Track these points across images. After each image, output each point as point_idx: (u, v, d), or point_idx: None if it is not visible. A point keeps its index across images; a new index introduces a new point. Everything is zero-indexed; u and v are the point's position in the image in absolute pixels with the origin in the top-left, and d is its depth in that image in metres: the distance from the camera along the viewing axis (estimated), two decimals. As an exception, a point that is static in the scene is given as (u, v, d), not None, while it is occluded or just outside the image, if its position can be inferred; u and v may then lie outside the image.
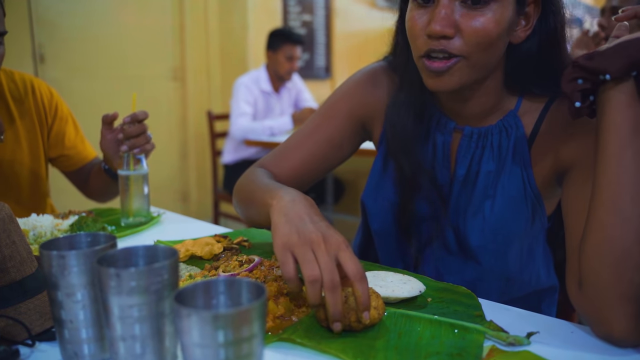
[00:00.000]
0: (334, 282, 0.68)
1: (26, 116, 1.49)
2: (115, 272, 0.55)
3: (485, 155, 0.97)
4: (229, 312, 0.49)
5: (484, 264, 0.99)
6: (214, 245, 1.04)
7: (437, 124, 1.01)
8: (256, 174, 1.07)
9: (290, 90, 3.62)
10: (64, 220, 1.25)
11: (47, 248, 0.63)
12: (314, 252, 0.71)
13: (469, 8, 0.82)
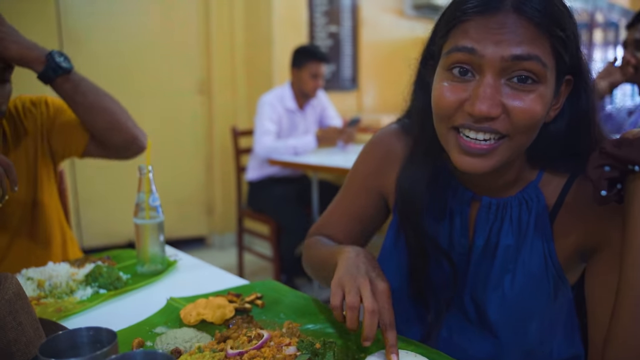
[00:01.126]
0: (373, 309, 0.81)
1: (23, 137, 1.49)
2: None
3: (504, 228, 0.93)
4: None
5: (502, 338, 0.95)
6: (225, 308, 1.03)
7: (454, 194, 0.98)
8: (319, 241, 1.16)
9: (315, 108, 3.60)
10: (80, 269, 1.25)
11: (45, 351, 0.63)
12: (360, 290, 0.83)
13: (515, 88, 0.77)
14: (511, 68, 0.76)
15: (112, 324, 1.00)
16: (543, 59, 0.76)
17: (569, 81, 0.84)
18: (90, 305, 1.12)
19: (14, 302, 0.79)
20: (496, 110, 0.76)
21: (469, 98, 0.78)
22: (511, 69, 0.76)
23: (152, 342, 0.94)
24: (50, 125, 1.52)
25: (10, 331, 0.76)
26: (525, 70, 0.76)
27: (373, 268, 0.88)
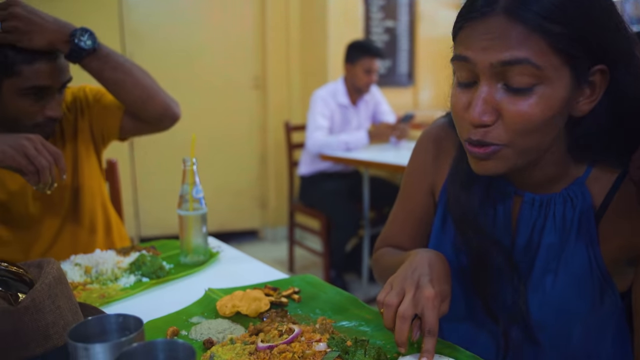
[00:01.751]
0: (405, 314, 0.79)
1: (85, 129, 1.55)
2: (127, 380, 0.54)
3: (548, 226, 0.89)
4: None
5: (543, 342, 0.90)
6: (261, 301, 1.02)
7: (496, 189, 0.95)
8: (387, 252, 1.14)
9: (368, 103, 3.56)
10: (125, 258, 1.29)
11: (74, 336, 0.64)
12: (404, 292, 0.82)
13: (511, 92, 0.75)
14: (504, 73, 0.74)
15: (151, 311, 1.03)
16: (535, 60, 0.72)
17: (603, 71, 0.77)
18: (132, 292, 1.15)
19: (54, 287, 0.81)
20: (489, 117, 0.76)
21: (469, 106, 0.78)
22: (504, 74, 0.74)
23: (187, 331, 0.95)
24: (89, 112, 1.56)
25: (48, 314, 0.79)
26: (518, 74, 0.73)
27: (431, 273, 0.85)
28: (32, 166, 1.18)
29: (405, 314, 0.80)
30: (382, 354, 0.83)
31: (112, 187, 1.84)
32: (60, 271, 0.86)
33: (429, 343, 0.80)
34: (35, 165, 1.18)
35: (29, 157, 1.17)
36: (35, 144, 1.19)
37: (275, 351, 0.83)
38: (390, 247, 1.17)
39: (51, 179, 1.21)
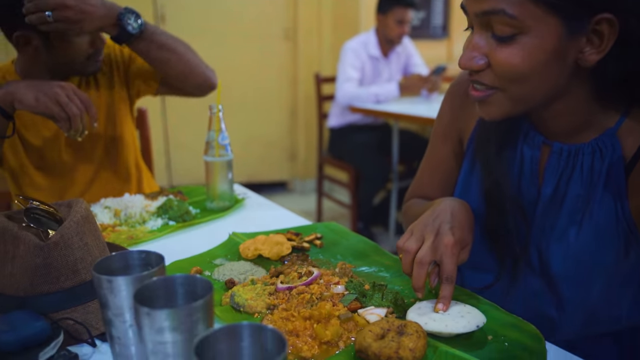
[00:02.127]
0: (422, 260, 0.81)
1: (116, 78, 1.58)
2: (147, 311, 0.56)
3: (575, 176, 0.87)
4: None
5: (565, 292, 0.90)
6: (283, 245, 1.04)
7: (525, 137, 0.93)
8: (415, 203, 1.15)
9: (399, 55, 3.49)
10: (153, 202, 1.32)
11: (99, 269, 0.67)
12: (424, 239, 0.84)
13: (497, 40, 0.77)
14: (488, 22, 0.77)
15: (177, 253, 1.06)
16: (511, 11, 0.73)
17: (610, 20, 0.73)
18: (159, 234, 1.18)
19: (82, 225, 0.84)
20: (475, 63, 0.79)
21: None
22: (489, 23, 0.77)
23: (211, 272, 0.98)
24: (125, 69, 1.59)
25: (77, 250, 0.82)
26: (499, 23, 0.76)
27: (452, 220, 0.86)
28: (64, 113, 1.21)
29: (423, 259, 0.81)
30: (399, 298, 0.84)
31: (142, 136, 1.87)
32: (88, 211, 0.89)
33: (446, 290, 0.81)
34: (66, 113, 1.21)
35: (61, 105, 1.20)
36: (67, 92, 1.22)
37: (294, 292, 0.85)
38: (419, 198, 1.17)
39: (82, 126, 1.24)
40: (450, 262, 0.81)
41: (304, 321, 0.77)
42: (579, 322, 0.92)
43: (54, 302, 0.80)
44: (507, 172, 0.94)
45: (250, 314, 0.83)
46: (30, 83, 1.21)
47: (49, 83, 1.22)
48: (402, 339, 0.70)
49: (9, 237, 0.81)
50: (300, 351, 0.72)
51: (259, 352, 0.56)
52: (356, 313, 0.81)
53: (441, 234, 0.84)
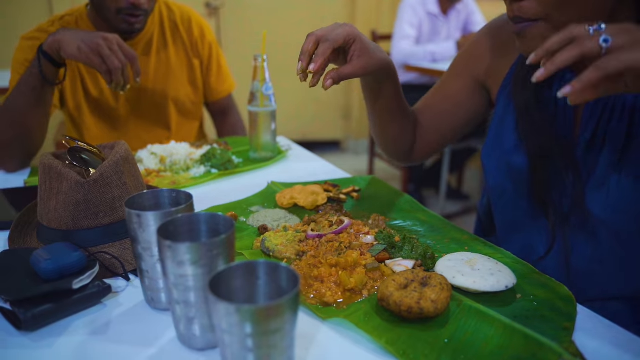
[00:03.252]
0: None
1: (180, 46, 1.61)
2: (169, 244, 0.58)
3: (615, 116, 0.82)
4: (253, 307, 0.49)
5: (604, 244, 0.86)
6: (319, 195, 1.05)
7: (560, 79, 0.88)
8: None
9: (459, 13, 3.35)
10: (198, 150, 1.35)
11: (131, 205, 0.69)
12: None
13: None
14: None
15: (216, 199, 1.08)
16: None
17: None
18: (200, 181, 1.21)
19: (121, 164, 0.87)
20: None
21: None
22: None
23: (246, 218, 0.99)
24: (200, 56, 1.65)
25: (115, 189, 0.85)
26: None
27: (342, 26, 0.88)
28: (105, 65, 1.21)
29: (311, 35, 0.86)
30: (429, 252, 0.83)
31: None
32: (128, 152, 0.92)
33: (320, 48, 0.84)
34: (107, 65, 1.21)
35: (102, 56, 1.20)
36: (110, 44, 1.22)
37: (324, 240, 0.86)
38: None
39: (124, 80, 1.24)
40: (338, 32, 0.85)
41: (329, 268, 0.77)
42: (617, 279, 0.88)
43: (92, 236, 0.84)
44: (542, 117, 0.90)
45: (280, 259, 0.84)
46: (76, 32, 1.22)
47: (94, 33, 1.22)
48: (425, 290, 0.69)
49: (54, 174, 0.84)
50: (324, 296, 0.73)
51: (274, 289, 0.56)
52: (383, 263, 0.81)
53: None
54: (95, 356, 0.63)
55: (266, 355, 0.52)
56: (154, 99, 1.58)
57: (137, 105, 1.56)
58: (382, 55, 0.92)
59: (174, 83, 1.60)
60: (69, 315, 0.70)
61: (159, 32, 1.57)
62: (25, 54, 1.39)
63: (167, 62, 1.59)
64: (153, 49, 1.56)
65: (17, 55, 1.41)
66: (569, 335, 0.66)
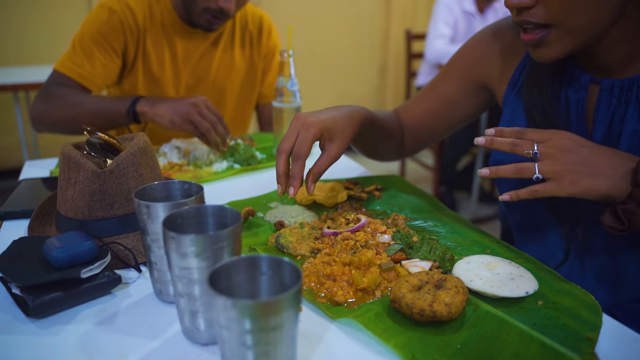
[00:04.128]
0: (280, 148, 0.86)
1: (247, 46, 1.63)
2: (173, 235, 0.57)
3: (630, 112, 0.80)
4: (251, 303, 0.48)
5: (629, 245, 0.83)
6: (339, 192, 1.03)
7: (569, 79, 0.86)
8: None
9: (497, 11, 3.27)
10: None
11: (141, 196, 0.68)
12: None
13: None
14: None
15: (236, 193, 1.08)
16: None
17: None
18: (222, 176, 1.20)
19: (138, 156, 0.87)
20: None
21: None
22: None
23: (264, 214, 0.98)
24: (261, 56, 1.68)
25: (131, 180, 0.85)
26: None
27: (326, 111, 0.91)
28: (198, 131, 1.25)
29: (282, 147, 0.86)
30: (447, 254, 0.80)
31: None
32: (147, 144, 0.92)
33: (295, 167, 0.85)
34: (200, 130, 1.24)
35: (194, 123, 1.24)
36: (199, 109, 1.25)
37: (339, 238, 0.83)
38: (397, 117, 1.15)
39: (219, 139, 1.28)
40: (303, 139, 0.83)
41: (343, 267, 0.75)
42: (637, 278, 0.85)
43: (107, 227, 0.83)
44: (553, 121, 0.87)
45: (294, 256, 0.82)
46: (168, 104, 1.27)
47: (183, 102, 1.26)
48: (439, 292, 0.66)
49: (73, 164, 0.85)
50: (335, 295, 0.70)
51: (277, 285, 0.55)
52: (399, 264, 0.78)
53: (305, 118, 0.86)
54: (99, 346, 0.62)
55: (265, 352, 0.50)
56: (213, 94, 1.59)
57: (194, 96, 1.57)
58: (350, 122, 0.91)
59: (235, 81, 1.62)
60: (77, 304, 0.70)
61: (229, 30, 1.59)
62: (98, 23, 1.40)
63: (232, 59, 1.60)
64: (221, 45, 1.57)
65: (89, 22, 1.42)
66: (591, 347, 0.62)
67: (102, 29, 1.40)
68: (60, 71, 1.38)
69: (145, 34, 1.45)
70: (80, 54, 1.39)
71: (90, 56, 1.39)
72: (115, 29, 1.41)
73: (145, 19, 1.45)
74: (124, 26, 1.42)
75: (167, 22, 1.48)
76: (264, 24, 1.65)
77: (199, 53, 1.53)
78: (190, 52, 1.52)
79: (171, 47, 1.50)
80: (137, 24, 1.43)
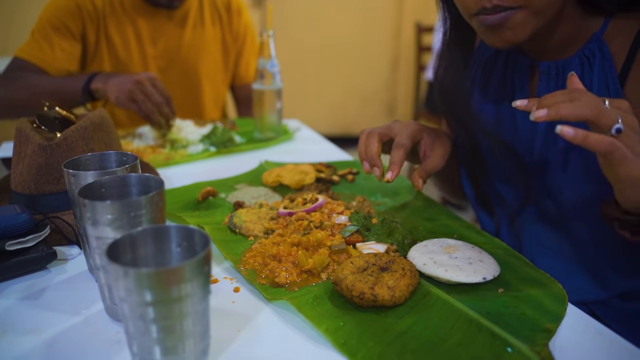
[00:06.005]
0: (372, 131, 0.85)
1: (217, 26, 1.59)
2: (85, 202, 0.53)
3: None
4: (148, 271, 0.43)
5: (581, 234, 0.79)
6: (307, 174, 0.98)
7: (513, 63, 0.85)
8: None
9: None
10: (202, 129, 1.30)
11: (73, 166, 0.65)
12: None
13: None
14: None
15: (205, 176, 1.04)
16: None
17: None
18: (196, 158, 1.16)
19: (90, 130, 0.83)
20: None
21: None
22: None
23: (227, 194, 0.94)
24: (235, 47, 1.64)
25: (80, 154, 0.81)
26: None
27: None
28: (141, 111, 1.22)
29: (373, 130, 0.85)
30: (407, 237, 0.75)
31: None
32: (103, 119, 0.88)
33: (395, 155, 0.81)
34: (142, 109, 1.21)
35: (137, 102, 1.21)
36: (143, 87, 1.21)
37: (294, 218, 0.79)
38: None
39: (163, 120, 1.24)
40: (405, 133, 0.82)
41: (290, 247, 0.70)
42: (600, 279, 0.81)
43: (53, 202, 0.80)
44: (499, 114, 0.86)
45: (246, 237, 0.78)
46: (117, 79, 1.24)
47: (127, 78, 1.22)
48: (383, 274, 0.61)
49: (23, 137, 0.82)
50: (276, 277, 0.66)
51: (190, 257, 0.50)
52: (353, 246, 0.73)
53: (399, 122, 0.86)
54: (16, 320, 0.58)
55: (169, 327, 0.46)
56: (186, 74, 1.56)
57: (166, 78, 1.53)
58: (448, 139, 0.88)
59: (207, 59, 1.58)
60: (6, 279, 0.66)
61: (197, 7, 1.55)
62: (54, 8, 1.40)
63: (202, 37, 1.56)
64: (189, 22, 1.54)
65: (47, 8, 1.42)
66: (548, 338, 0.56)
67: (60, 13, 1.39)
68: (20, 56, 1.37)
69: (106, 19, 1.43)
70: (39, 39, 1.37)
71: (49, 40, 1.37)
72: (72, 13, 1.39)
73: (105, 2, 1.43)
74: (82, 10, 1.40)
75: (128, 3, 1.45)
76: (232, 3, 1.61)
77: (166, 33, 1.50)
78: (156, 33, 1.49)
79: (135, 28, 1.47)
80: (95, 8, 1.42)
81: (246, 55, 1.66)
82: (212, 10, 1.58)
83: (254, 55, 1.66)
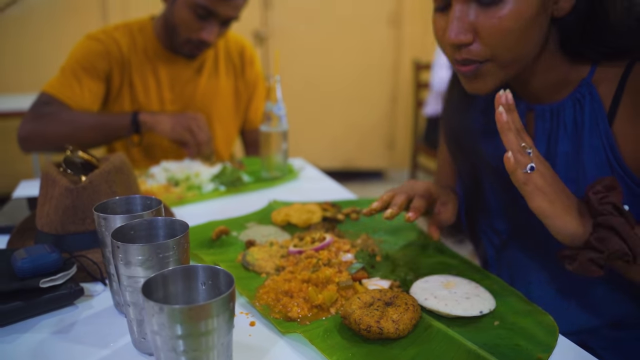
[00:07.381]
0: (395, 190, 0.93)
1: (231, 76, 1.69)
2: (118, 244, 0.59)
3: (560, 134, 0.84)
4: (179, 308, 0.49)
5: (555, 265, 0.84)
6: (313, 214, 1.04)
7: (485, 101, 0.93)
8: None
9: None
10: (211, 169, 1.37)
11: (101, 209, 0.70)
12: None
13: (484, 6, 0.73)
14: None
15: (217, 214, 1.09)
16: None
17: None
18: (207, 197, 1.22)
19: (113, 174, 0.90)
20: (465, 36, 0.74)
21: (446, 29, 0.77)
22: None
23: (238, 233, 0.99)
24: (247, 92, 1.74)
25: (103, 196, 0.87)
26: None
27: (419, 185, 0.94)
28: (194, 140, 1.39)
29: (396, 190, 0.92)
30: (409, 275, 0.80)
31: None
32: (123, 163, 0.94)
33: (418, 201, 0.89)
34: (196, 139, 1.39)
35: (192, 132, 1.39)
36: (198, 122, 1.41)
37: (303, 256, 0.84)
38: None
39: (209, 152, 1.41)
40: (420, 188, 0.91)
41: (301, 283, 0.76)
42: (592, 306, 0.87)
43: (79, 241, 0.86)
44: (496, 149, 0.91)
45: (258, 274, 0.83)
46: (171, 115, 1.43)
47: (185, 115, 1.42)
48: (388, 309, 0.66)
49: (50, 180, 0.88)
50: (289, 311, 0.71)
51: (215, 294, 0.56)
52: (359, 282, 0.79)
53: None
54: (50, 354, 0.63)
55: (198, 358, 0.51)
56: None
57: None
58: (457, 197, 0.99)
59: (220, 105, 1.66)
60: (38, 314, 0.72)
61: (213, 59, 1.65)
62: (85, 50, 1.49)
63: (216, 86, 1.65)
64: (205, 72, 1.63)
65: (77, 50, 1.50)
66: (540, 366, 0.61)
67: (90, 55, 1.48)
68: (48, 92, 1.44)
69: (130, 64, 1.53)
70: (69, 77, 1.45)
71: (79, 80, 1.46)
72: (102, 57, 1.49)
73: (130, 49, 1.53)
74: (110, 55, 1.50)
75: (151, 50, 1.55)
76: (246, 54, 1.70)
77: (183, 80, 1.59)
78: (175, 79, 1.58)
79: (155, 74, 1.56)
80: (122, 53, 1.51)
81: (256, 101, 1.74)
82: (227, 61, 1.68)
83: (263, 100, 1.73)
